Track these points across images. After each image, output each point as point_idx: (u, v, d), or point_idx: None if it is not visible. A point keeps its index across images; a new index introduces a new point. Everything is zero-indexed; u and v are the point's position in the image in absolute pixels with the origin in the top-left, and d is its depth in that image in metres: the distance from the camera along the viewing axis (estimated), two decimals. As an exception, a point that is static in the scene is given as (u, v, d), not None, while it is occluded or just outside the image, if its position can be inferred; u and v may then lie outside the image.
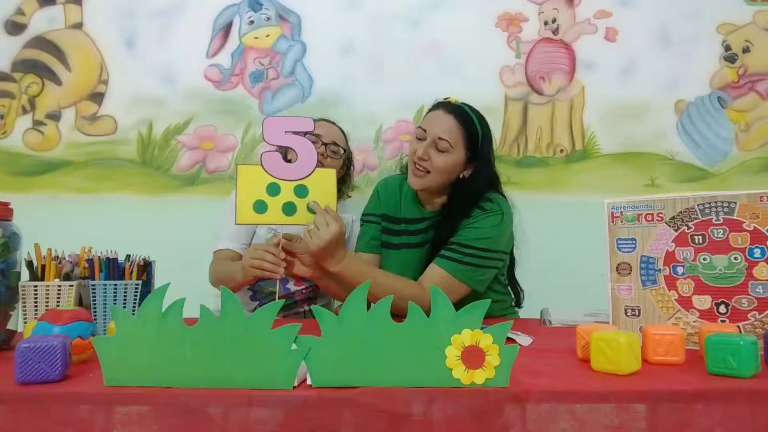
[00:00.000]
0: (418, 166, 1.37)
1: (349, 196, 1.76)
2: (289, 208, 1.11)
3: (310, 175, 1.11)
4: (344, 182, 1.69)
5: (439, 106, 1.42)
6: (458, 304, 0.75)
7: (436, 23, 2.05)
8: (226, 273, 1.43)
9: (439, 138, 1.34)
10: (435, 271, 1.32)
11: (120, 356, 0.76)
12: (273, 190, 1.09)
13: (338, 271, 1.25)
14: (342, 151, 1.62)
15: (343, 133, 1.67)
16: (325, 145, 1.57)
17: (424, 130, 1.37)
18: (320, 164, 1.52)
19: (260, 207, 1.09)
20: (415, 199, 1.50)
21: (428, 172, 1.36)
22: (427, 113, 1.44)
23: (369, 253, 1.53)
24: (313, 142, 1.54)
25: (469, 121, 1.38)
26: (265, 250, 1.25)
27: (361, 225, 1.59)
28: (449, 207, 1.42)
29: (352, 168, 1.73)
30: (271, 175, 1.09)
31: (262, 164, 1.11)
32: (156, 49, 2.04)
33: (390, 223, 1.52)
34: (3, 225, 1.02)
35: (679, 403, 0.73)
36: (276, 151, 1.17)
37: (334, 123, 1.67)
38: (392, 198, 1.54)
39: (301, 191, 1.11)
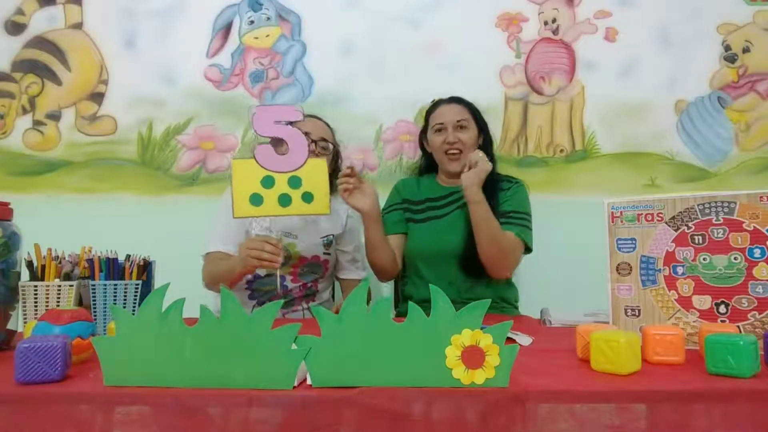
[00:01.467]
0: (452, 151, 1.61)
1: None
2: (284, 200, 1.12)
3: (302, 166, 1.12)
4: (335, 174, 1.70)
5: (439, 103, 1.68)
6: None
7: (436, 23, 2.05)
8: (223, 267, 1.44)
9: (458, 121, 1.61)
10: (507, 234, 1.49)
11: (120, 356, 0.76)
12: (267, 182, 1.10)
13: (475, 199, 1.43)
14: (331, 147, 1.62)
15: (329, 127, 1.67)
16: (314, 142, 1.57)
17: (442, 123, 1.61)
18: None
19: (256, 200, 1.11)
20: (435, 183, 1.71)
21: (461, 151, 1.60)
22: (430, 113, 1.67)
23: (395, 234, 1.64)
24: None
25: (467, 102, 1.66)
26: (263, 240, 1.27)
27: (383, 216, 1.63)
28: None
29: (340, 161, 1.74)
30: (264, 168, 1.10)
31: (255, 158, 1.11)
32: (156, 49, 2.04)
33: (412, 205, 1.68)
34: (3, 225, 1.02)
35: (679, 403, 0.73)
36: (267, 143, 1.17)
37: (319, 118, 1.67)
38: (411, 188, 1.72)
39: (294, 182, 1.12)
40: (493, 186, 1.56)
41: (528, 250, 1.55)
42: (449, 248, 1.56)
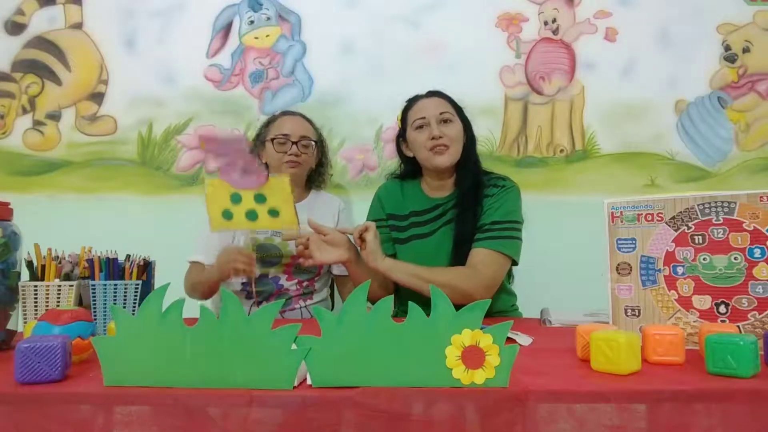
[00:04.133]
0: (438, 147, 1.45)
1: (331, 175, 1.79)
2: (251, 215, 1.17)
3: (263, 183, 1.15)
4: (321, 166, 1.71)
5: (416, 98, 1.55)
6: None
7: (436, 23, 2.05)
8: (201, 278, 1.48)
9: (441, 113, 1.46)
10: (480, 252, 1.38)
11: (120, 356, 0.76)
12: (235, 198, 1.16)
13: (386, 269, 1.35)
14: (313, 143, 1.62)
15: (309, 121, 1.67)
16: (295, 143, 1.57)
17: (423, 117, 1.47)
18: (296, 164, 1.56)
19: (227, 215, 1.16)
20: (420, 191, 1.55)
21: (447, 146, 1.45)
22: (406, 110, 1.54)
23: None
24: (282, 143, 1.56)
25: (447, 96, 1.53)
26: (237, 251, 1.33)
27: None
28: (460, 181, 1.49)
29: (326, 149, 1.74)
30: (230, 185, 1.15)
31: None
32: (156, 49, 2.04)
33: (397, 221, 1.55)
34: (3, 225, 1.02)
35: (679, 403, 0.73)
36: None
37: (298, 113, 1.67)
38: (395, 198, 1.57)
39: (259, 199, 1.17)
40: (478, 192, 1.46)
41: (513, 262, 1.43)
42: None
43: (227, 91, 2.04)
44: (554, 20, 2.07)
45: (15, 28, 2.04)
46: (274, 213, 1.17)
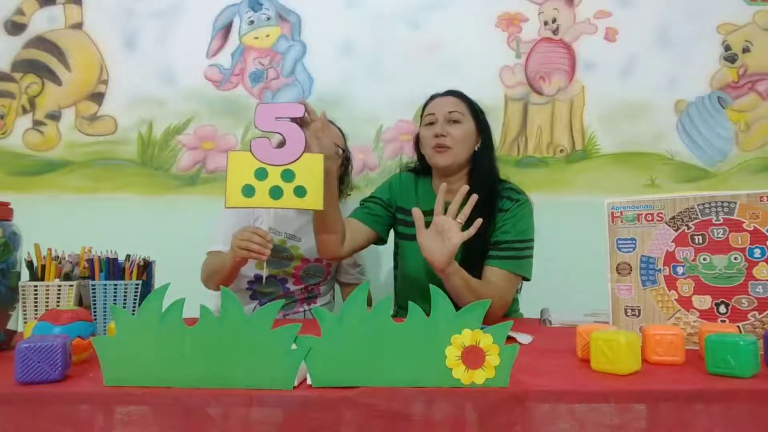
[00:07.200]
0: (439, 145, 1.42)
1: (349, 194, 1.76)
2: (275, 192, 1.12)
3: (297, 159, 1.12)
4: (342, 182, 1.70)
5: (434, 96, 1.53)
6: None
7: (436, 23, 2.05)
8: (217, 263, 1.44)
9: (449, 112, 1.44)
10: (497, 273, 1.36)
11: (120, 356, 0.76)
12: (260, 174, 1.11)
13: (450, 272, 1.24)
14: (341, 151, 1.62)
15: (341, 132, 1.67)
16: None
17: (432, 114, 1.45)
18: None
19: (248, 191, 1.11)
20: (431, 191, 1.51)
21: (449, 147, 1.42)
22: (425, 107, 1.52)
23: (361, 222, 1.48)
24: None
25: (466, 96, 1.50)
26: (252, 232, 1.28)
27: (364, 202, 1.55)
28: (473, 189, 1.36)
29: (350, 167, 1.73)
30: (259, 160, 1.11)
31: (251, 150, 1.12)
32: (156, 49, 2.04)
33: (406, 215, 1.50)
34: (3, 225, 1.02)
35: (679, 403, 0.73)
36: (265, 137, 1.17)
37: (332, 123, 1.68)
38: (407, 192, 1.54)
39: (287, 176, 1.12)
40: (492, 204, 1.41)
41: (526, 278, 1.42)
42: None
43: (227, 91, 2.04)
44: (554, 20, 2.07)
45: (15, 28, 2.04)
46: (300, 192, 1.13)
